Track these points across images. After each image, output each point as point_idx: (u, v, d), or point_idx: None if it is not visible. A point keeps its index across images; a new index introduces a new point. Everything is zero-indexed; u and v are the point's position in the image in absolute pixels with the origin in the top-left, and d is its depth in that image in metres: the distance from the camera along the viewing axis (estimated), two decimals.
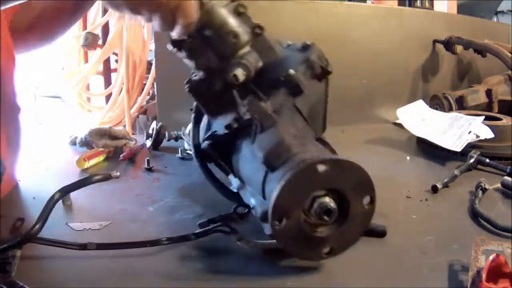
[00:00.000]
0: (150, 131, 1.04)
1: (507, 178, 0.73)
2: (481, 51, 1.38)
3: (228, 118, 0.56)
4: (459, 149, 0.89)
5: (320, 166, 0.44)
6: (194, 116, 0.65)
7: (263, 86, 0.55)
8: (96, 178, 0.59)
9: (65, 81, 1.37)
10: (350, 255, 0.49)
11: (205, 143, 0.59)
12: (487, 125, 0.94)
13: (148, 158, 0.89)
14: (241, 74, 0.53)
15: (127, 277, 0.48)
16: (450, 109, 1.26)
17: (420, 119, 1.11)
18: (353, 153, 0.58)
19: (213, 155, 0.61)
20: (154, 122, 1.07)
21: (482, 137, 0.91)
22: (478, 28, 1.55)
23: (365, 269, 0.50)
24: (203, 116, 0.64)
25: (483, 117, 0.96)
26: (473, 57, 1.48)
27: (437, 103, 1.32)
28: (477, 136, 0.91)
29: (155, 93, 1.24)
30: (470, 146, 0.90)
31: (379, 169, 0.47)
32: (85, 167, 0.87)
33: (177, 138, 1.03)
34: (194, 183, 0.80)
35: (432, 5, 1.68)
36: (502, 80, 1.33)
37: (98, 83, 1.44)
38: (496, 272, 0.41)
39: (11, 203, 0.70)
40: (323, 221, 0.46)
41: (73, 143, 1.06)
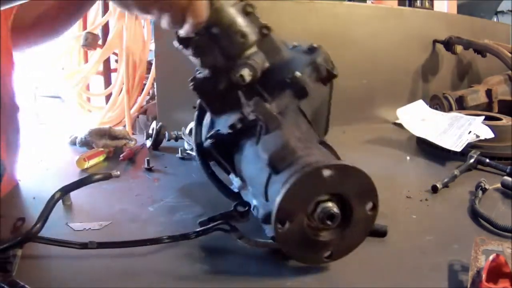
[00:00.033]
0: (150, 131, 1.04)
1: (507, 178, 0.73)
2: (481, 51, 1.38)
3: (232, 118, 0.56)
4: (459, 149, 0.89)
5: (326, 171, 0.44)
6: (197, 114, 0.65)
7: (268, 87, 0.55)
8: (96, 177, 0.59)
9: (65, 81, 1.37)
10: (350, 255, 0.49)
11: (208, 141, 0.59)
12: (487, 125, 0.94)
13: (148, 158, 0.89)
14: (247, 74, 0.53)
15: (128, 276, 0.49)
16: (450, 109, 1.26)
17: (420, 119, 1.11)
18: (353, 153, 0.58)
19: (215, 154, 0.61)
20: (154, 122, 1.07)
21: (482, 137, 0.91)
22: (478, 28, 1.55)
23: (365, 269, 0.50)
24: (206, 114, 0.64)
25: (483, 117, 0.96)
26: (473, 57, 1.48)
27: (437, 103, 1.32)
28: (477, 136, 0.91)
29: (155, 93, 1.24)
30: (470, 146, 0.90)
31: (379, 169, 0.47)
32: (85, 167, 0.87)
33: (177, 138, 1.03)
34: (194, 183, 0.80)
35: (432, 5, 1.67)
36: (502, 80, 1.33)
37: (98, 83, 1.43)
38: (496, 272, 0.41)
39: (11, 203, 0.70)
40: (326, 226, 0.46)
41: (73, 143, 1.06)
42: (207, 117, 0.63)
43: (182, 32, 0.54)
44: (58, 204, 0.54)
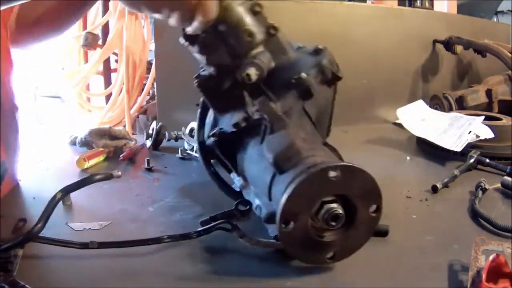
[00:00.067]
0: (150, 131, 1.04)
1: (507, 178, 0.73)
2: (481, 51, 1.38)
3: (236, 116, 0.56)
4: (459, 149, 0.89)
5: (332, 171, 0.44)
6: (200, 111, 0.65)
7: (273, 87, 0.55)
8: (97, 178, 0.59)
9: (65, 81, 1.37)
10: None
11: (210, 139, 0.59)
12: (487, 125, 0.94)
13: (148, 158, 0.89)
14: (254, 73, 0.53)
15: (128, 276, 0.49)
16: (450, 109, 1.26)
17: (420, 119, 1.11)
18: (353, 153, 0.58)
19: (217, 152, 0.61)
20: (154, 122, 1.07)
21: (482, 137, 0.91)
22: (478, 28, 1.55)
23: (365, 269, 0.50)
24: (209, 112, 0.64)
25: (483, 117, 0.96)
26: (473, 57, 1.48)
27: (437, 103, 1.32)
28: (477, 136, 0.91)
29: (155, 93, 1.24)
30: (470, 146, 0.90)
31: (379, 169, 0.47)
32: (85, 167, 0.87)
33: (177, 138, 1.03)
34: (194, 183, 0.80)
35: (432, 5, 1.68)
36: (502, 80, 1.33)
37: (98, 83, 1.43)
38: (496, 272, 0.41)
39: (11, 203, 0.70)
40: (330, 227, 0.46)
41: (73, 143, 1.06)
42: (210, 115, 0.63)
43: (190, 29, 0.53)
44: (58, 204, 0.54)
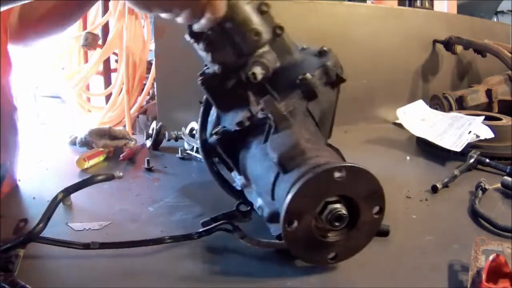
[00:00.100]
0: (150, 131, 1.04)
1: (507, 178, 0.73)
2: (481, 51, 1.38)
3: (240, 115, 0.56)
4: (459, 149, 0.88)
5: (337, 172, 0.44)
6: (203, 109, 0.65)
7: (277, 87, 0.55)
8: (99, 178, 0.59)
9: (65, 81, 1.37)
10: None
11: (213, 137, 0.59)
12: (487, 125, 0.94)
13: (148, 158, 0.89)
14: (259, 72, 0.53)
15: (129, 276, 0.49)
16: (450, 109, 1.26)
17: (420, 119, 1.11)
18: (353, 153, 0.58)
19: (219, 150, 0.61)
20: (154, 122, 1.07)
21: (482, 137, 0.91)
22: (478, 28, 1.55)
23: (365, 269, 0.50)
24: (211, 110, 0.64)
25: (483, 117, 0.96)
26: (473, 57, 1.48)
27: (437, 103, 1.32)
28: (477, 136, 0.91)
29: (155, 93, 1.24)
30: (470, 146, 0.90)
31: (379, 169, 0.47)
32: (85, 167, 0.87)
33: (177, 138, 1.03)
34: (194, 183, 0.80)
35: (432, 5, 1.68)
36: (502, 80, 1.33)
37: (98, 83, 1.43)
38: (496, 272, 0.41)
39: (11, 203, 0.70)
40: (333, 227, 0.46)
41: (73, 143, 1.06)
42: (213, 113, 0.63)
43: (197, 27, 0.53)
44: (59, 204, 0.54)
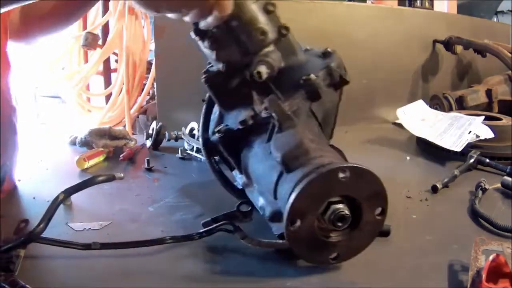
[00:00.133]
0: (150, 131, 1.04)
1: (507, 178, 0.73)
2: (481, 51, 1.38)
3: (243, 114, 0.56)
4: (459, 149, 0.88)
5: (341, 172, 0.44)
6: (205, 107, 0.65)
7: (281, 87, 0.55)
8: (100, 179, 0.59)
9: (65, 81, 1.37)
10: None
11: (215, 135, 0.59)
12: (487, 125, 0.94)
13: (148, 158, 0.89)
14: (264, 71, 0.53)
15: (129, 276, 0.49)
16: (450, 109, 1.26)
17: (420, 119, 1.11)
18: (353, 153, 0.58)
19: (221, 149, 0.61)
20: (154, 122, 1.07)
21: (482, 137, 0.91)
22: (478, 28, 1.55)
23: (365, 268, 0.50)
24: (214, 108, 0.64)
25: (483, 117, 0.96)
26: (473, 57, 1.48)
27: (437, 103, 1.31)
28: (477, 136, 0.91)
29: (155, 93, 1.24)
30: (470, 146, 0.90)
31: (379, 169, 0.47)
32: (85, 167, 0.87)
33: (177, 138, 1.03)
34: (194, 183, 0.80)
35: (432, 5, 1.68)
36: (502, 80, 1.33)
37: (98, 83, 1.43)
38: (496, 272, 0.41)
39: (11, 203, 0.70)
40: (336, 227, 0.46)
41: (73, 143, 1.06)
42: (215, 111, 0.63)
43: (203, 24, 0.53)
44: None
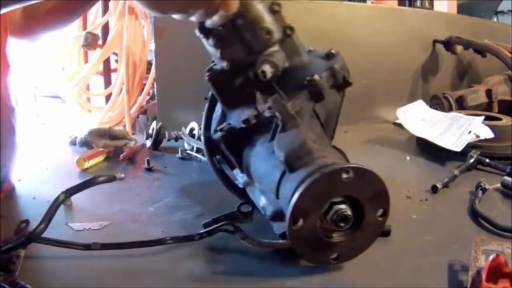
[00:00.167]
0: (150, 131, 1.04)
1: (507, 178, 0.73)
2: (481, 51, 1.38)
3: (246, 113, 0.56)
4: (459, 149, 0.88)
5: (344, 173, 0.44)
6: (208, 105, 0.65)
7: (285, 87, 0.55)
8: (100, 180, 0.59)
9: (65, 81, 1.37)
10: None
11: (218, 134, 0.59)
12: (487, 125, 0.94)
13: (148, 158, 0.89)
14: (269, 71, 0.54)
15: (130, 277, 0.49)
16: (450, 109, 1.26)
17: (420, 119, 1.11)
18: (353, 153, 0.58)
19: (223, 147, 0.61)
20: (154, 122, 1.07)
21: (482, 137, 0.91)
22: (478, 28, 1.55)
23: (365, 268, 0.50)
24: (216, 107, 0.64)
25: (483, 117, 0.96)
26: (473, 57, 1.48)
27: (437, 103, 1.32)
28: (477, 136, 0.91)
29: (155, 93, 1.24)
30: (470, 146, 0.90)
31: (379, 169, 0.47)
32: (85, 167, 0.87)
33: (177, 138, 1.03)
34: (194, 183, 0.80)
35: (432, 5, 1.68)
36: (502, 80, 1.33)
37: (98, 83, 1.43)
38: (496, 272, 0.41)
39: (11, 203, 0.70)
40: (338, 227, 0.46)
41: (73, 143, 1.06)
42: (217, 110, 0.63)
43: (208, 23, 0.53)
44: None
